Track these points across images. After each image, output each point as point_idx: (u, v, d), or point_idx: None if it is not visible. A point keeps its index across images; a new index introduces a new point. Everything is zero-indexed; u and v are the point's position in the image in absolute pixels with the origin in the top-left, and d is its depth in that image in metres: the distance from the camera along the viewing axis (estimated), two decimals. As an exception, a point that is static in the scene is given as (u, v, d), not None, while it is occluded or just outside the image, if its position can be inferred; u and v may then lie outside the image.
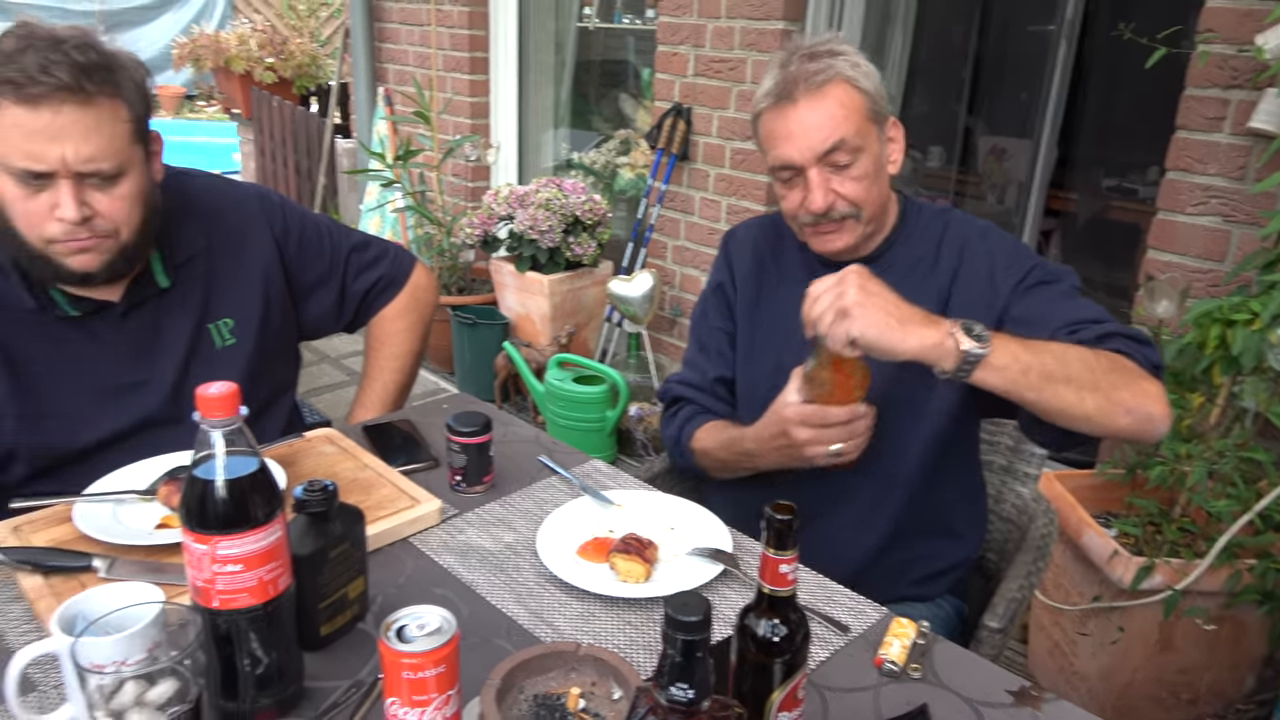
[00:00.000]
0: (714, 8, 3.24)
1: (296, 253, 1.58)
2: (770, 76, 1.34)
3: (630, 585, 1.13)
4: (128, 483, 1.27)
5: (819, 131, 1.29)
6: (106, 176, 1.22)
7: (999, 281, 1.35)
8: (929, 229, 1.43)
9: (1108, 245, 4.37)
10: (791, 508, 0.79)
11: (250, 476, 0.84)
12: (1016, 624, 1.36)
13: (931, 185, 4.54)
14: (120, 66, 1.22)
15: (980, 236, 1.41)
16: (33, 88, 1.13)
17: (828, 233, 1.37)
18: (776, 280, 1.49)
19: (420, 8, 4.48)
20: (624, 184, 4.28)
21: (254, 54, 5.91)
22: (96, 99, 1.18)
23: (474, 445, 1.33)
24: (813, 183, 1.32)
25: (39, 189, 1.19)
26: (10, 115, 1.14)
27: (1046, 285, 1.33)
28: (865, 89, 1.31)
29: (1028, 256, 1.37)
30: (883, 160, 1.36)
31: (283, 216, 1.57)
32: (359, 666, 0.99)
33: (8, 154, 1.16)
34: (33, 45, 1.14)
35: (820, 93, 1.29)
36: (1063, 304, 1.29)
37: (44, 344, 1.32)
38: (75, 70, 1.15)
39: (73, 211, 1.19)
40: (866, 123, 1.32)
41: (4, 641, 0.99)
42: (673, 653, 0.70)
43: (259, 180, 6.06)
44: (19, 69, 1.13)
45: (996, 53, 4.46)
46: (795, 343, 1.45)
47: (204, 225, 1.47)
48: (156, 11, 11.42)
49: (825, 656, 1.03)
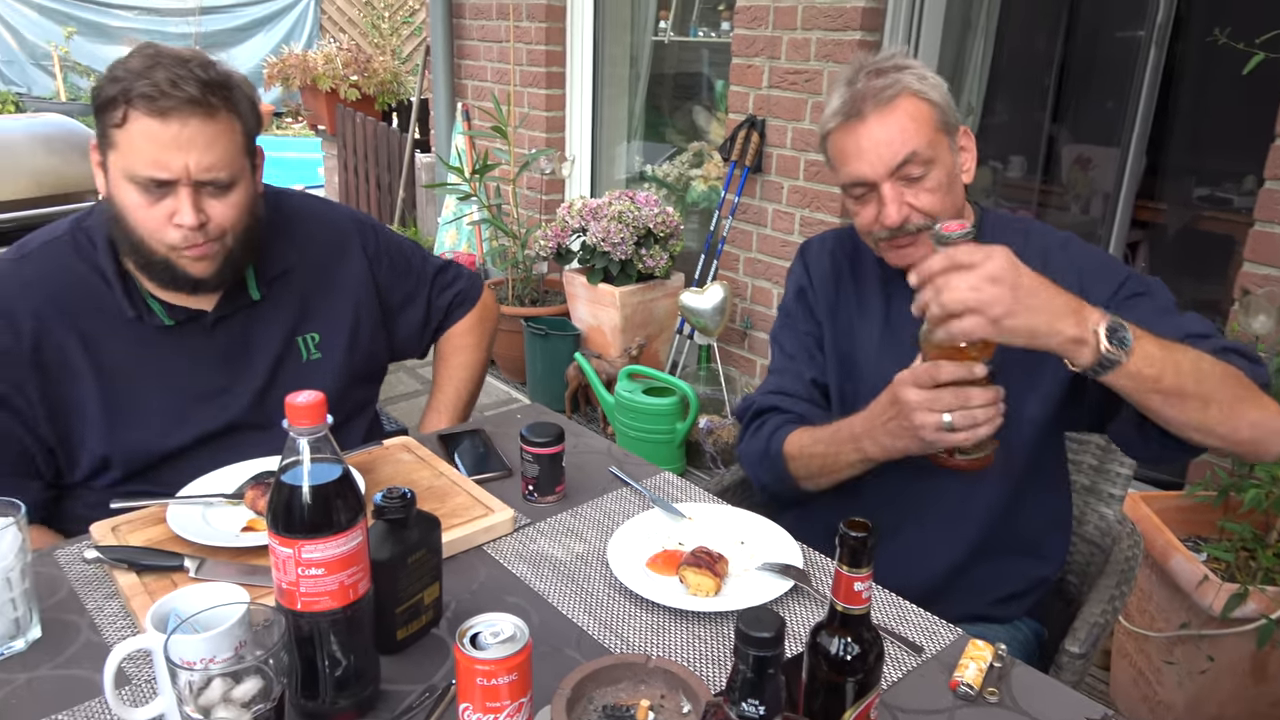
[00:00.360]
0: (790, 19, 3.23)
1: (388, 273, 1.64)
2: (837, 95, 1.34)
3: (700, 599, 1.13)
4: (216, 487, 1.32)
5: (890, 146, 1.28)
6: (221, 185, 1.30)
7: (1090, 294, 1.28)
8: (1008, 237, 1.37)
9: (1199, 258, 4.20)
10: (867, 525, 0.78)
11: (334, 483, 0.87)
12: (1098, 650, 1.31)
13: (1012, 196, 4.43)
14: (236, 85, 1.31)
15: (1062, 248, 1.37)
16: (164, 101, 1.22)
17: (904, 247, 1.35)
18: (853, 295, 1.48)
19: (499, 25, 4.58)
20: (696, 196, 4.29)
21: (339, 72, 6.09)
22: (218, 113, 1.27)
23: (546, 455, 1.35)
24: (886, 197, 1.30)
25: (160, 196, 1.27)
26: (141, 126, 1.23)
27: (1143, 297, 1.29)
28: (934, 100, 1.31)
29: (1118, 267, 1.34)
30: (956, 170, 1.35)
31: (375, 238, 1.64)
32: (433, 671, 1.00)
33: (135, 163, 1.25)
34: (160, 63, 1.23)
35: (889, 107, 1.28)
36: (1167, 318, 1.24)
37: (137, 351, 1.38)
38: (201, 86, 1.24)
39: (190, 217, 1.27)
40: (937, 134, 1.31)
41: (102, 636, 1.04)
42: (744, 668, 0.70)
43: (341, 194, 6.25)
44: (151, 84, 1.21)
45: (1082, 59, 4.34)
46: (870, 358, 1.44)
47: (298, 242, 1.53)
48: (248, 33, 11.91)
49: (898, 677, 1.02)
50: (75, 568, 1.16)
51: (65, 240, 1.39)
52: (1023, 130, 4.41)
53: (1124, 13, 3.87)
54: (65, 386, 1.34)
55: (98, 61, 11.56)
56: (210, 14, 11.93)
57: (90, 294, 1.36)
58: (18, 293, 1.34)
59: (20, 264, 1.37)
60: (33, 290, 1.34)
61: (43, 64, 11.35)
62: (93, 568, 1.16)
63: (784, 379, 1.51)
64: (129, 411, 1.38)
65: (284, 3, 12.06)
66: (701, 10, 4.28)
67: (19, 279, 1.35)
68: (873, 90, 1.29)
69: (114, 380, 1.37)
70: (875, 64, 1.32)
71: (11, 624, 1.00)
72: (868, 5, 3.01)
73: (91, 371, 1.35)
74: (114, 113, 1.23)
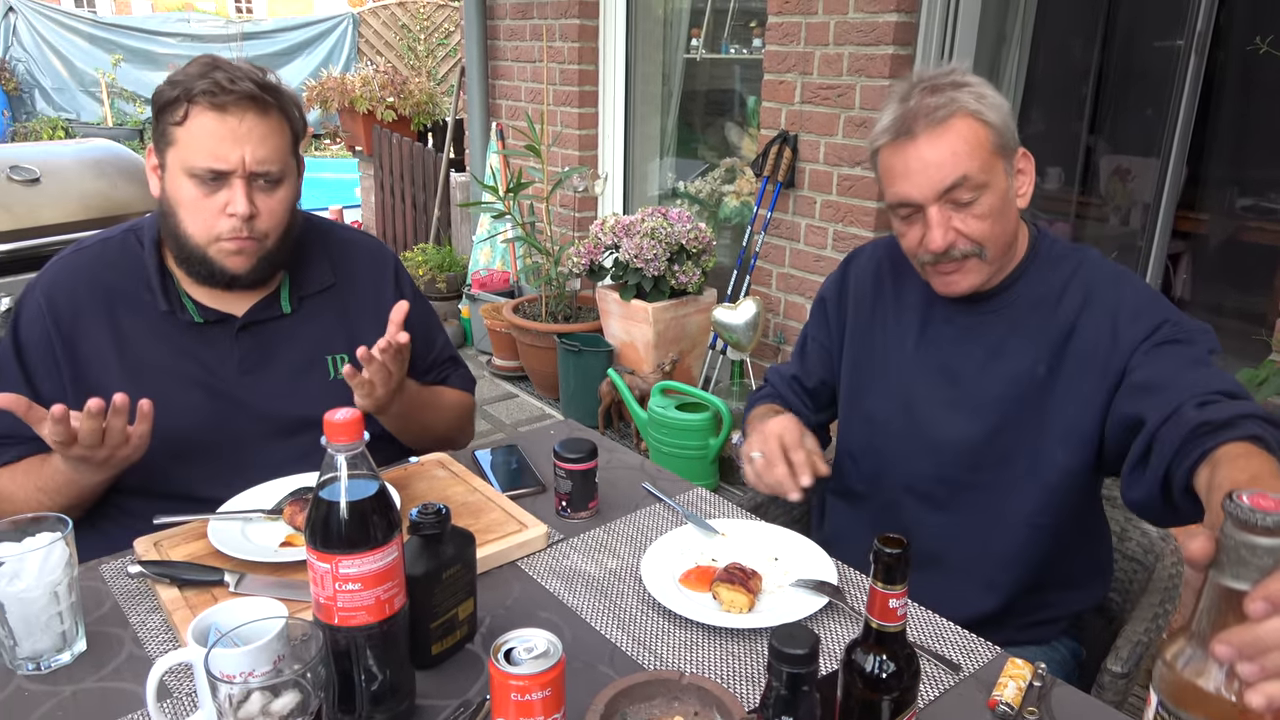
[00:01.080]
0: (822, 35, 3.24)
1: (418, 323, 1.63)
2: (889, 110, 1.28)
3: (733, 615, 1.12)
4: (256, 502, 1.34)
5: (940, 169, 1.23)
6: (272, 180, 1.38)
7: (1122, 334, 1.25)
8: (1059, 267, 1.35)
9: (1243, 268, 4.12)
10: (902, 541, 0.78)
11: (371, 499, 0.88)
12: (1141, 669, 1.28)
13: (1050, 208, 4.39)
14: (285, 92, 1.41)
15: (1112, 283, 1.31)
16: (223, 95, 1.31)
17: (949, 273, 1.31)
18: (892, 305, 1.46)
19: (532, 45, 4.63)
20: (729, 212, 4.29)
21: (376, 94, 6.20)
22: (271, 110, 1.36)
23: (580, 471, 1.36)
24: (932, 221, 1.26)
25: (215, 189, 1.35)
26: (201, 121, 1.32)
27: (1177, 345, 1.22)
28: (991, 122, 1.25)
29: (1160, 310, 1.26)
30: (1010, 195, 1.29)
31: (411, 286, 1.67)
32: (467, 686, 1.01)
33: (194, 156, 1.33)
34: (218, 66, 1.34)
35: (942, 127, 1.23)
36: (1193, 371, 1.17)
37: (163, 344, 1.43)
38: (256, 84, 1.34)
39: (243, 206, 1.34)
40: (992, 157, 1.25)
41: (144, 649, 1.06)
42: (778, 685, 0.70)
43: (378, 214, 6.34)
44: (211, 82, 1.31)
45: (1120, 69, 4.29)
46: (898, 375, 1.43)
47: (335, 265, 1.58)
48: (288, 58, 12.17)
49: (936, 696, 1.00)
50: (119, 582, 1.19)
51: (116, 240, 1.48)
52: (1060, 141, 4.36)
53: (1162, 21, 3.82)
54: (94, 375, 1.40)
55: (143, 87, 11.89)
56: (251, 39, 12.21)
57: (130, 289, 1.43)
58: (66, 284, 1.42)
59: (74, 257, 1.46)
60: (79, 283, 1.43)
61: (90, 90, 11.68)
62: (136, 582, 1.18)
63: (786, 365, 1.65)
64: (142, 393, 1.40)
65: (323, 27, 12.32)
66: (733, 27, 4.30)
67: (69, 271, 1.44)
68: (926, 109, 1.23)
69: (139, 371, 1.41)
70: (932, 80, 1.27)
71: (58, 637, 1.03)
72: (900, 19, 3.00)
73: (118, 363, 1.40)
74: (175, 111, 1.33)
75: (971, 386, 1.36)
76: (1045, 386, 1.31)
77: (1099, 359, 1.27)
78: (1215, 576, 0.70)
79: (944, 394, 1.38)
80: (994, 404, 1.34)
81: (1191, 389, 1.12)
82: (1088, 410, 1.28)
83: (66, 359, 1.40)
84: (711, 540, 1.31)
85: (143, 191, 3.23)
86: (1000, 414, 1.33)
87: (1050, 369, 1.31)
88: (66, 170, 3.17)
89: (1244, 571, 0.68)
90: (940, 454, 1.38)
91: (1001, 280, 1.35)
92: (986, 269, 1.31)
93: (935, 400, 1.39)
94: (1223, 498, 0.69)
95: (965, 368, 1.37)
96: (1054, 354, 1.30)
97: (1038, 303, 1.34)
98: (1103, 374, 1.26)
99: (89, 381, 1.39)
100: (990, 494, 1.35)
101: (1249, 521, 0.68)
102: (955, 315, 1.39)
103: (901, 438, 1.42)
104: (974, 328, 1.37)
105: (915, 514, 1.40)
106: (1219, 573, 0.70)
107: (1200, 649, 0.72)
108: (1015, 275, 1.36)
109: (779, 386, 1.62)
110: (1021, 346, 1.33)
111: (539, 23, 4.54)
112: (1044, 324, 1.32)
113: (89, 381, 1.39)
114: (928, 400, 1.40)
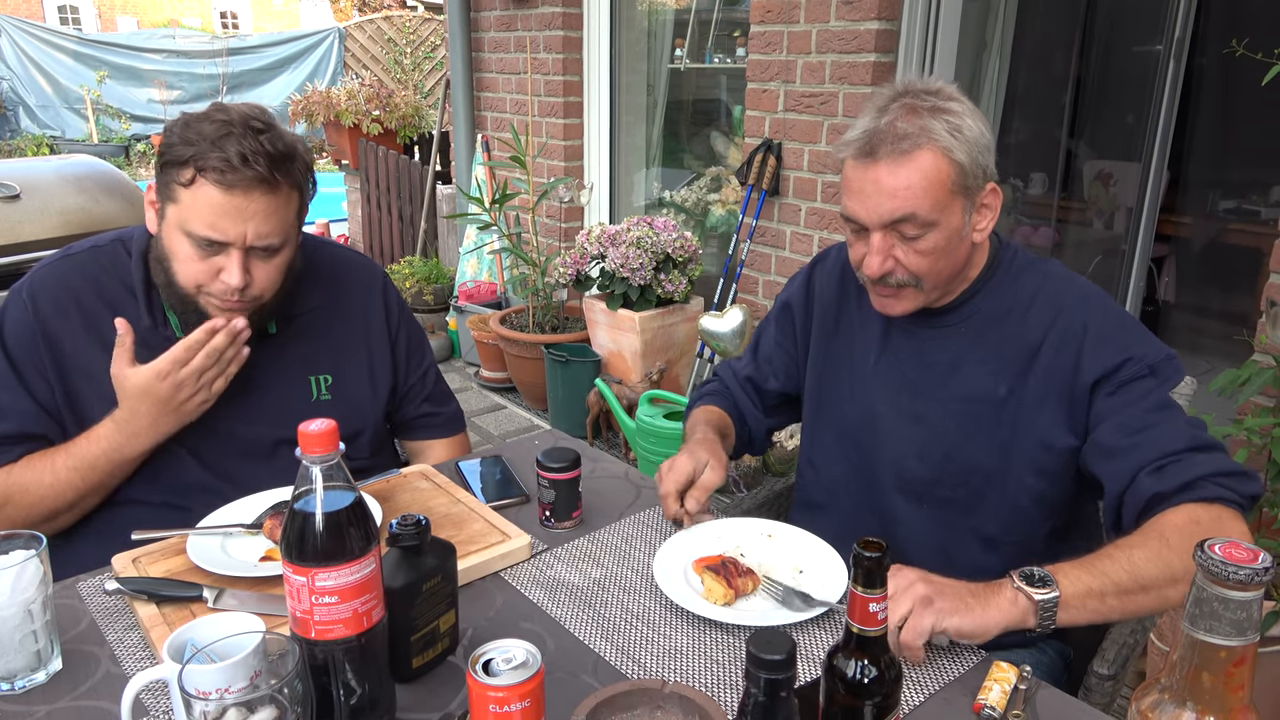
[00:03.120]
0: (804, 44, 3.25)
1: (405, 347, 1.65)
2: (862, 121, 1.24)
3: (709, 606, 1.14)
4: (236, 517, 1.33)
5: (891, 199, 1.20)
6: (272, 250, 1.34)
7: (1085, 363, 1.24)
8: (1021, 281, 1.33)
9: (1226, 270, 4.15)
10: (881, 545, 0.77)
11: (347, 510, 0.87)
12: (1129, 670, 1.28)
13: (1034, 213, 4.41)
14: (298, 156, 1.35)
15: (1079, 304, 1.28)
16: (233, 175, 1.26)
17: (885, 296, 1.31)
18: (858, 317, 1.44)
19: (517, 57, 4.64)
20: (715, 220, 4.30)
21: (361, 107, 6.19)
22: (281, 187, 1.31)
23: (563, 481, 1.35)
24: (874, 246, 1.25)
25: (211, 254, 1.32)
26: (207, 192, 1.27)
27: (1141, 383, 1.21)
28: (958, 160, 1.20)
29: (1125, 339, 1.24)
30: (964, 232, 1.26)
31: (399, 308, 1.66)
32: (449, 699, 1.00)
33: (193, 222, 1.29)
34: (233, 133, 1.27)
35: (904, 158, 1.19)
36: (1153, 427, 1.18)
37: (146, 354, 1.40)
38: (270, 162, 1.28)
39: (238, 279, 1.31)
40: (949, 195, 1.21)
41: (122, 667, 1.05)
42: (756, 692, 0.69)
43: (365, 226, 6.33)
44: (223, 157, 1.26)
45: (1099, 75, 4.32)
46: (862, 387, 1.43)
47: (322, 286, 1.56)
48: (274, 73, 12.17)
49: (920, 701, 1.00)
50: (96, 599, 1.17)
51: (105, 249, 1.47)
52: (1042, 147, 4.39)
53: (1141, 27, 3.86)
54: (78, 379, 1.40)
55: (129, 104, 11.86)
56: (237, 55, 12.20)
57: (116, 298, 1.42)
58: (52, 288, 1.42)
59: (62, 263, 1.45)
60: (65, 288, 1.42)
61: (75, 107, 11.65)
62: (113, 599, 1.17)
63: (737, 363, 1.63)
64: None
65: (309, 42, 12.31)
66: (717, 37, 4.32)
67: (56, 274, 1.44)
68: (894, 134, 1.20)
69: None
70: (913, 98, 1.22)
71: (33, 656, 1.01)
72: (881, 27, 3.02)
73: (103, 372, 1.38)
74: (182, 172, 1.28)
75: (932, 401, 1.35)
76: (1007, 407, 1.29)
77: (1064, 385, 1.25)
78: (1189, 629, 0.70)
79: (906, 407, 1.37)
80: (955, 420, 1.33)
81: (1151, 452, 1.16)
82: (1056, 436, 1.27)
83: (51, 360, 1.39)
84: (751, 537, 1.31)
85: (125, 206, 3.22)
86: (962, 431, 1.32)
87: (1011, 389, 1.29)
88: (47, 186, 3.16)
89: (1217, 625, 0.68)
90: (901, 468, 1.37)
91: (960, 294, 1.34)
92: (921, 298, 1.30)
93: (897, 413, 1.38)
94: (1194, 549, 0.69)
95: (926, 381, 1.36)
96: (1016, 374, 1.29)
97: (1000, 316, 1.32)
98: (1068, 401, 1.25)
99: (72, 383, 1.39)
100: (952, 511, 1.34)
101: (1221, 575, 0.67)
102: (915, 328, 1.37)
103: (863, 450, 1.42)
104: (934, 340, 1.36)
105: (874, 528, 1.38)
106: (1192, 625, 0.70)
107: (1174, 700, 0.72)
108: (974, 288, 1.34)
109: (729, 384, 1.61)
110: (982, 362, 1.32)
111: (523, 35, 4.55)
112: (1006, 340, 1.31)
113: (72, 383, 1.39)
114: (890, 413, 1.38)
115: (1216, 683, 0.70)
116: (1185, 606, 0.70)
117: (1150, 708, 0.74)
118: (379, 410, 1.60)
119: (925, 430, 1.35)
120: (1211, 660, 0.69)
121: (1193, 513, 1.11)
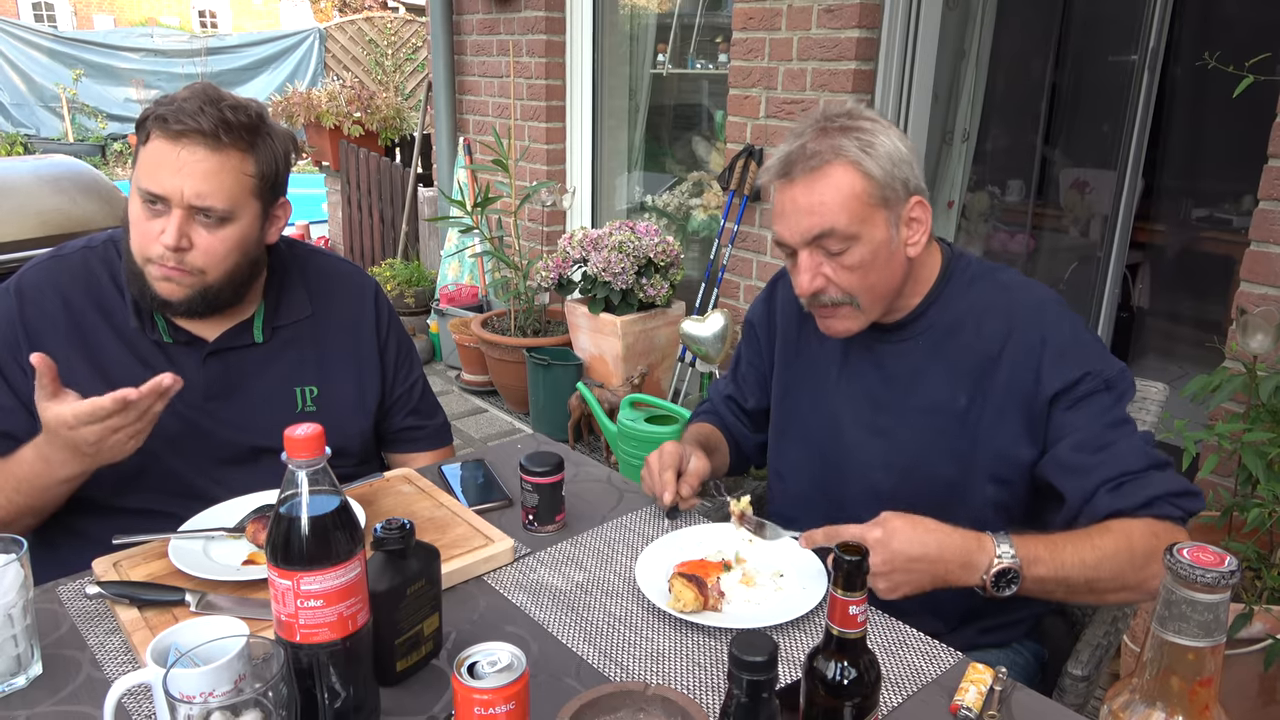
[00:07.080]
0: (786, 51, 3.28)
1: (394, 358, 1.65)
2: (781, 147, 1.29)
3: (677, 611, 1.14)
4: (219, 520, 1.32)
5: (809, 216, 1.24)
6: (216, 217, 1.33)
7: (1045, 376, 1.26)
8: (974, 291, 1.34)
9: (1199, 278, 4.22)
10: (860, 548, 0.79)
11: (332, 514, 0.87)
12: (1103, 671, 1.30)
13: (1011, 220, 4.46)
14: (267, 134, 1.37)
15: (1035, 314, 1.30)
16: (176, 125, 1.29)
17: (825, 316, 1.33)
18: (818, 333, 1.43)
19: (499, 60, 4.64)
20: (697, 225, 4.32)
21: (342, 109, 6.17)
22: (227, 149, 1.32)
23: (546, 485, 1.36)
24: (801, 265, 1.27)
25: (157, 214, 1.33)
26: (154, 144, 1.31)
27: (1098, 398, 1.24)
28: (871, 173, 1.23)
29: (1082, 354, 1.26)
30: (893, 246, 1.27)
31: (390, 319, 1.65)
32: (433, 702, 1.00)
33: (141, 176, 1.32)
34: (196, 95, 1.32)
35: (817, 174, 1.23)
36: (1113, 444, 1.22)
37: (132, 359, 1.42)
38: (218, 122, 1.30)
39: (171, 238, 1.31)
40: (867, 208, 1.24)
41: (103, 671, 1.04)
42: (738, 693, 0.70)
43: (345, 229, 6.30)
44: (174, 109, 1.30)
45: (1075, 84, 4.38)
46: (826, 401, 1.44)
47: (313, 295, 1.56)
48: (253, 73, 12.09)
49: (899, 702, 1.01)
50: (77, 604, 1.17)
51: (97, 249, 1.47)
52: (1019, 154, 4.45)
53: (1116, 38, 3.91)
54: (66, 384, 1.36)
55: (105, 103, 11.75)
56: (216, 54, 12.12)
57: (103, 301, 1.43)
58: (38, 289, 1.42)
59: (53, 263, 1.46)
60: (53, 290, 1.42)
61: (51, 106, 11.53)
62: (94, 603, 1.16)
63: (721, 383, 1.69)
64: None
65: (289, 42, 12.25)
66: (699, 43, 4.34)
67: (46, 274, 1.44)
68: (806, 154, 1.24)
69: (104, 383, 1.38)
70: (825, 121, 1.27)
71: (13, 661, 1.01)
72: (862, 35, 3.05)
73: (89, 374, 1.38)
74: (141, 131, 1.33)
75: (894, 414, 1.37)
76: (968, 418, 1.31)
77: (1023, 397, 1.27)
78: (1158, 630, 0.72)
79: (869, 420, 1.39)
80: (916, 432, 1.35)
81: (1108, 470, 1.21)
82: (1016, 447, 1.29)
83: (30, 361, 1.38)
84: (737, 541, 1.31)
85: (103, 207, 3.18)
86: (923, 443, 1.34)
87: (971, 400, 1.31)
88: (25, 187, 3.11)
89: (1185, 627, 0.70)
90: (866, 481, 1.39)
91: (914, 308, 1.36)
92: (862, 318, 1.31)
93: (860, 427, 1.40)
94: (1164, 552, 0.71)
95: (887, 395, 1.38)
96: (975, 385, 1.31)
97: (954, 327, 1.34)
98: (1027, 412, 1.28)
99: None
100: None
101: (1189, 578, 0.69)
102: (873, 343, 1.39)
103: (828, 464, 1.44)
104: (892, 354, 1.38)
105: None
106: (1161, 627, 0.71)
107: (1145, 700, 0.74)
108: (928, 301, 1.35)
109: (717, 404, 1.66)
110: (940, 374, 1.34)
111: (506, 38, 4.56)
112: (963, 351, 1.32)
113: None
114: (854, 427, 1.41)
115: (1184, 686, 0.72)
116: (1155, 609, 0.72)
117: (1121, 707, 0.76)
118: (366, 423, 1.59)
119: (888, 443, 1.37)
120: (1180, 661, 0.71)
121: (1151, 526, 1.18)
